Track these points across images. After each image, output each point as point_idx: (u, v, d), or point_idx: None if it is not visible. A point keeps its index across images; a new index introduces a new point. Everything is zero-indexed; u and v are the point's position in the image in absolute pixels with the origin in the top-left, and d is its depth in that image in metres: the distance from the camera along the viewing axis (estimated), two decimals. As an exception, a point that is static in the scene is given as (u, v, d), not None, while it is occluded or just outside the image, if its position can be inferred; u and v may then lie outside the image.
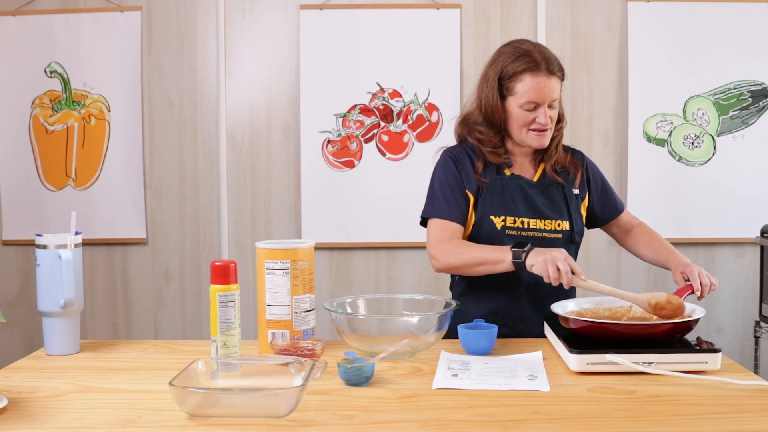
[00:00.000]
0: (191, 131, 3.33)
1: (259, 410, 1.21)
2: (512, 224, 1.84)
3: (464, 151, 1.91)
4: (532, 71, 1.79)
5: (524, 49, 1.82)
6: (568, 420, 1.20)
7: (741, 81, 3.22)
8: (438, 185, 1.89)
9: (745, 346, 3.31)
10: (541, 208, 1.86)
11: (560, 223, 1.87)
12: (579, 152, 2.02)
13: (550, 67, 1.80)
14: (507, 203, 1.85)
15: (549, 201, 1.88)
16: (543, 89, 1.80)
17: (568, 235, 1.88)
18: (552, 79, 1.81)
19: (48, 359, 1.64)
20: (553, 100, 1.82)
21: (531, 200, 1.87)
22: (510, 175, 1.89)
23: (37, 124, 3.33)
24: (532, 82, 1.80)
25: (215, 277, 1.48)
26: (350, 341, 1.62)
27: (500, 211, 1.84)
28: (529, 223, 1.85)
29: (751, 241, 3.25)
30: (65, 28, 3.28)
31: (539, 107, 1.82)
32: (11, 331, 3.42)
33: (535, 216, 1.86)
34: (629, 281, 3.30)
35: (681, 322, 1.50)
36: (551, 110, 1.84)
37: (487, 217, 1.84)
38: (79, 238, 1.68)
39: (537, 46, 1.84)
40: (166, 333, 3.38)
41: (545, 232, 1.85)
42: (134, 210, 3.34)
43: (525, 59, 1.80)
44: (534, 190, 1.88)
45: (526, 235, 1.84)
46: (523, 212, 1.85)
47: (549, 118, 1.83)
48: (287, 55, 3.30)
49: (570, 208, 1.90)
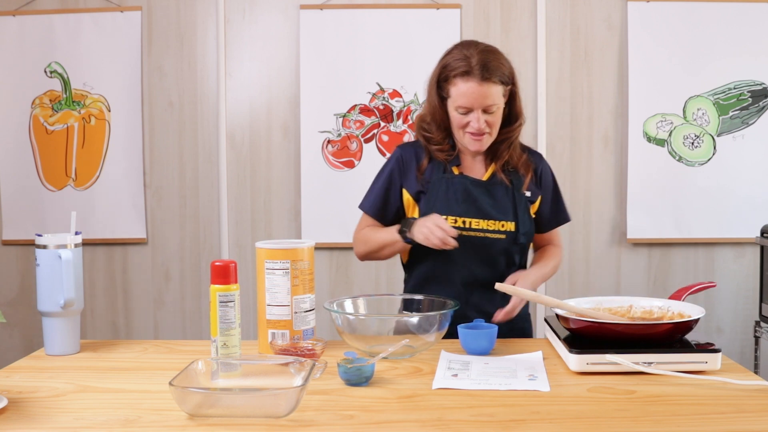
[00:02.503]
0: (191, 131, 3.33)
1: (259, 410, 1.21)
2: (453, 223, 1.85)
3: (414, 149, 1.95)
4: (464, 77, 1.79)
5: (464, 54, 1.81)
6: (568, 420, 1.20)
7: (741, 81, 3.22)
8: (375, 180, 1.98)
9: (745, 346, 3.31)
10: (485, 208, 1.87)
11: (504, 223, 1.87)
12: (537, 154, 2.00)
13: (485, 73, 1.77)
14: (449, 202, 1.87)
15: (494, 201, 1.88)
16: (473, 95, 1.79)
17: (512, 236, 1.88)
18: (486, 85, 1.78)
19: (48, 359, 1.64)
20: (487, 106, 1.80)
21: (475, 200, 1.87)
22: (458, 174, 1.90)
23: (37, 124, 3.33)
24: (464, 87, 1.79)
25: (215, 277, 1.48)
26: (350, 341, 1.62)
27: (442, 210, 1.86)
28: (471, 222, 1.86)
29: (751, 241, 3.24)
30: (65, 28, 3.28)
31: (472, 112, 1.82)
32: (11, 331, 3.42)
33: (478, 216, 1.87)
34: (629, 281, 3.30)
35: (681, 322, 1.50)
36: (488, 115, 1.82)
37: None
38: (79, 238, 1.68)
39: (479, 51, 1.81)
40: (166, 333, 3.38)
41: (488, 232, 1.86)
42: (134, 210, 3.34)
43: (460, 63, 1.80)
44: (479, 189, 1.89)
45: (468, 235, 1.85)
46: (465, 212, 1.86)
47: (485, 123, 1.82)
48: (287, 55, 3.30)
49: (517, 209, 1.89)
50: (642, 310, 1.67)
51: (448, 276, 1.89)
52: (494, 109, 1.82)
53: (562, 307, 1.60)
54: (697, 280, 3.27)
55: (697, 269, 3.31)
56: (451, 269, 1.88)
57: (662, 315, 1.63)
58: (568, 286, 3.32)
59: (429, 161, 1.91)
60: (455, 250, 1.80)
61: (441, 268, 1.89)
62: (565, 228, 3.31)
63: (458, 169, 1.91)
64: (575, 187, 3.29)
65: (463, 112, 1.82)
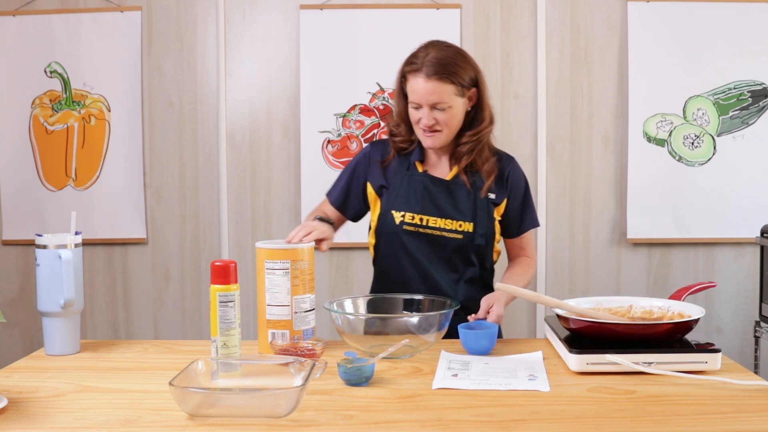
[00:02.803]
0: (191, 131, 3.33)
1: (259, 410, 1.21)
2: (410, 220, 1.88)
3: (383, 145, 2.00)
4: (414, 73, 1.84)
5: (421, 52, 1.85)
6: (568, 420, 1.20)
7: (741, 81, 3.22)
8: (342, 172, 2.06)
9: (745, 346, 3.31)
10: (444, 207, 1.89)
11: (462, 223, 1.88)
12: (508, 158, 1.98)
13: (429, 70, 1.81)
14: (409, 199, 1.90)
15: (454, 201, 1.90)
16: (419, 91, 1.82)
17: (470, 236, 1.88)
18: (432, 82, 1.81)
19: (48, 359, 1.64)
20: (435, 103, 1.82)
21: (434, 198, 1.90)
22: (421, 171, 1.93)
23: (37, 124, 3.33)
24: (413, 83, 1.84)
25: (215, 277, 1.49)
26: (350, 341, 1.62)
27: (401, 207, 1.90)
28: (428, 220, 1.89)
29: (751, 241, 3.24)
30: (65, 28, 3.28)
31: (421, 108, 1.85)
32: (11, 331, 3.42)
33: (436, 214, 1.89)
34: (629, 281, 3.30)
35: (681, 322, 1.50)
36: (438, 112, 1.84)
37: (389, 211, 1.91)
38: (79, 238, 1.68)
39: (437, 50, 1.84)
40: (166, 333, 3.38)
41: (445, 231, 1.88)
42: (134, 210, 3.34)
43: (414, 60, 1.85)
44: (440, 188, 1.91)
45: (424, 232, 1.88)
46: (423, 209, 1.89)
47: (434, 119, 1.84)
48: (287, 55, 3.30)
49: (477, 211, 1.89)
50: (642, 310, 1.67)
51: (408, 272, 1.91)
52: (444, 107, 1.83)
53: (562, 307, 1.60)
54: (697, 280, 3.27)
55: (697, 269, 3.31)
56: (409, 265, 1.90)
57: (662, 315, 1.63)
58: (568, 286, 3.32)
59: (395, 157, 1.96)
60: (415, 246, 1.86)
61: (400, 264, 1.91)
62: (565, 228, 3.36)
63: (423, 167, 1.94)
64: (575, 187, 3.29)
65: (415, 107, 1.86)
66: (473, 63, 1.88)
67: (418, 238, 1.88)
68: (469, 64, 1.86)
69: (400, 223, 1.89)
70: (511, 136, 3.27)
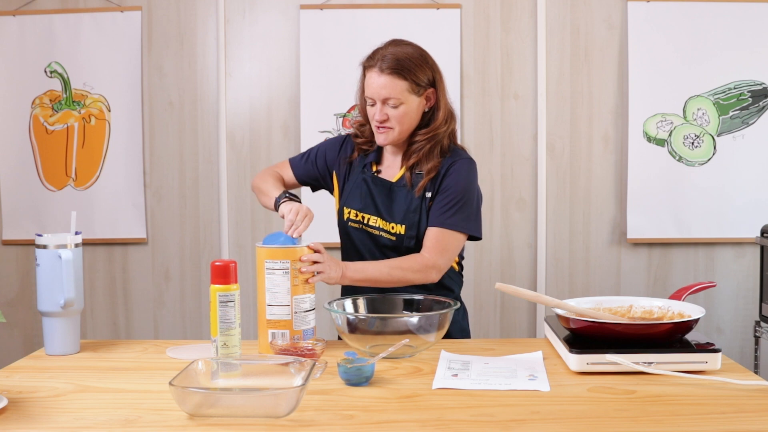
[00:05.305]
0: (191, 131, 3.33)
1: (259, 410, 1.21)
2: (355, 217, 1.95)
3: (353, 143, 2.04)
4: (369, 68, 1.87)
5: (378, 48, 1.88)
6: (568, 420, 1.20)
7: (741, 81, 3.22)
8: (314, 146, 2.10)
9: (745, 346, 3.31)
10: (380, 208, 1.93)
11: (394, 225, 1.91)
12: (452, 160, 1.91)
13: (383, 65, 1.83)
14: (353, 197, 1.96)
15: (391, 202, 1.92)
16: (373, 85, 1.85)
17: (401, 238, 1.90)
18: (384, 76, 1.83)
19: (48, 359, 1.64)
20: (386, 98, 1.84)
21: (374, 198, 1.94)
22: (373, 171, 1.97)
23: (37, 124, 3.33)
24: (368, 78, 1.87)
25: (215, 277, 1.49)
26: (350, 341, 1.62)
27: (350, 204, 1.97)
28: (368, 219, 1.94)
29: (751, 241, 3.24)
30: (65, 28, 3.28)
31: (375, 104, 1.87)
32: (11, 331, 3.42)
33: (375, 214, 1.93)
34: (629, 281, 3.30)
35: (681, 322, 1.50)
36: (390, 109, 1.85)
37: (342, 207, 1.99)
38: (79, 238, 1.68)
39: (395, 47, 1.86)
40: (166, 333, 3.38)
41: (382, 231, 1.92)
42: (134, 210, 3.34)
43: (371, 55, 1.88)
44: (381, 189, 1.94)
45: (365, 230, 1.94)
46: (363, 208, 1.94)
47: (386, 115, 1.86)
48: (287, 55, 3.30)
49: (410, 213, 1.89)
50: (642, 310, 1.67)
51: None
52: (396, 104, 1.84)
53: (562, 307, 1.60)
54: (697, 280, 3.27)
55: (697, 269, 3.31)
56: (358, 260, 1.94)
57: (662, 315, 1.63)
58: (568, 286, 3.32)
59: (358, 156, 2.01)
60: (360, 243, 1.93)
61: (351, 258, 1.96)
62: (565, 228, 3.36)
63: (377, 167, 1.98)
64: (575, 186, 3.29)
65: (371, 103, 1.89)
66: (433, 63, 1.89)
67: (362, 234, 1.95)
68: (427, 64, 1.88)
69: (347, 219, 1.97)
70: (511, 136, 3.27)
